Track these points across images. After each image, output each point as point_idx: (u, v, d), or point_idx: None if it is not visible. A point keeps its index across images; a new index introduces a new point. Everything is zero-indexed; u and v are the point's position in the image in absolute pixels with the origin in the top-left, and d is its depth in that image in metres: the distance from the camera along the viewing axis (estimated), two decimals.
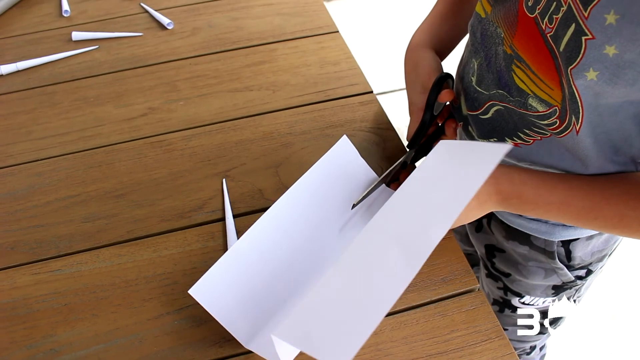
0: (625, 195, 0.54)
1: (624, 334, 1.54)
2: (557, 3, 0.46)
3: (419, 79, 0.67)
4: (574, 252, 0.71)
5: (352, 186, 0.67)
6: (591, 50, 0.43)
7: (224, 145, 0.77)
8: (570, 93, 0.48)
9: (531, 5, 0.50)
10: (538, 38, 0.50)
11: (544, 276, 0.75)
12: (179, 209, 0.70)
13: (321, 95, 0.84)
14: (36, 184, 0.74)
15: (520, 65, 0.53)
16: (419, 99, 0.66)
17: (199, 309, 0.60)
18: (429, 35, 0.72)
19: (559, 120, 0.52)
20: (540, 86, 0.52)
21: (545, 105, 0.53)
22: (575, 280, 0.75)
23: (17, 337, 0.59)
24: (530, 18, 0.50)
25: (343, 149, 0.67)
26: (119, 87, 0.87)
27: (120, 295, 0.62)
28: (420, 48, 0.70)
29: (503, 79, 0.57)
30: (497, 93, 0.59)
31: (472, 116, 0.66)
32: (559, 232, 0.68)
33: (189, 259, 0.65)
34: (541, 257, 0.73)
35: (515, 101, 0.56)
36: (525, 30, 0.51)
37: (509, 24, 0.54)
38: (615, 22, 0.41)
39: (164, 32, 0.97)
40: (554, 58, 0.48)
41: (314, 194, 0.64)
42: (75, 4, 1.05)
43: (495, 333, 0.58)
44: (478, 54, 0.61)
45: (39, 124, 0.82)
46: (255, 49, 0.93)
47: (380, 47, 2.44)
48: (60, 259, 0.65)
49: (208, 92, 0.85)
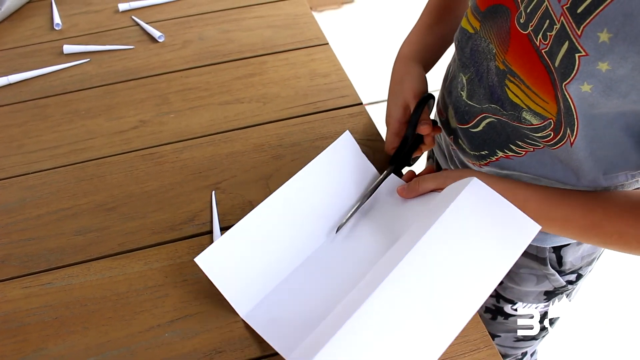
0: (626, 213, 0.54)
1: (617, 340, 1.55)
2: (550, 21, 0.46)
3: (402, 94, 0.68)
4: (565, 257, 0.72)
5: (354, 179, 0.68)
6: (585, 67, 0.44)
7: (215, 157, 0.78)
8: (565, 106, 0.49)
9: (523, 22, 0.50)
10: (532, 54, 0.50)
11: (535, 282, 0.76)
12: (170, 221, 0.70)
13: (311, 107, 0.85)
14: (27, 197, 0.74)
15: (514, 80, 0.54)
16: (398, 112, 0.68)
17: (190, 322, 0.60)
18: (416, 47, 0.74)
19: (553, 132, 0.53)
20: (535, 100, 0.52)
21: (540, 119, 0.53)
22: (566, 285, 0.76)
23: (8, 351, 0.59)
24: (524, 34, 0.50)
25: (344, 144, 0.69)
26: (110, 100, 0.88)
27: (111, 308, 0.62)
28: (409, 61, 0.72)
29: (495, 93, 0.58)
30: (489, 107, 0.59)
31: (462, 129, 0.66)
32: (551, 238, 0.69)
33: (179, 271, 0.65)
34: (533, 263, 0.73)
35: (509, 115, 0.57)
36: (518, 46, 0.52)
37: (501, 40, 0.54)
38: (609, 40, 0.41)
39: (155, 45, 0.98)
40: (549, 73, 0.49)
41: (315, 184, 0.66)
42: (67, 17, 1.05)
43: (483, 343, 0.59)
44: (467, 69, 0.62)
45: (31, 137, 0.82)
46: (246, 62, 0.94)
47: (369, 56, 2.46)
48: (51, 272, 0.66)
49: (199, 105, 0.86)
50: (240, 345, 0.58)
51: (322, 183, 0.66)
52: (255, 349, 0.58)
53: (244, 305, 0.60)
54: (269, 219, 0.62)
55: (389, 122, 0.70)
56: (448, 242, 0.50)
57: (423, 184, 0.62)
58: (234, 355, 0.58)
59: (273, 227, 0.63)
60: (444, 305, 0.47)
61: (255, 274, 0.61)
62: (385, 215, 0.65)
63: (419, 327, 0.46)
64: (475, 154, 0.67)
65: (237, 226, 0.61)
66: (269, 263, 0.62)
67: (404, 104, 0.67)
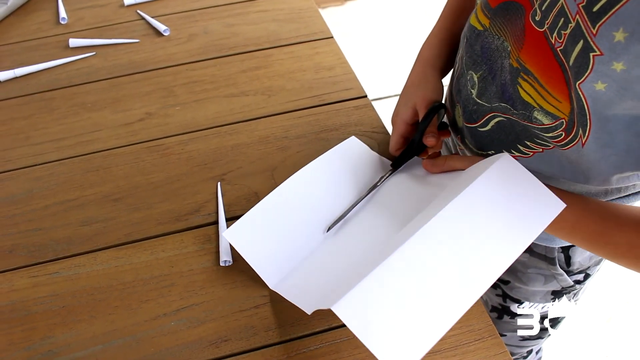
0: (639, 225, 0.53)
1: (619, 337, 1.55)
2: (565, 19, 0.45)
3: (414, 97, 0.68)
4: (574, 257, 0.71)
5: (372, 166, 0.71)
6: (599, 66, 0.43)
7: (220, 149, 0.78)
8: (579, 105, 0.48)
9: (539, 20, 0.49)
10: (548, 52, 0.49)
11: (543, 282, 0.75)
12: (176, 212, 0.71)
13: (316, 99, 0.85)
14: (34, 188, 0.74)
15: (528, 79, 0.53)
16: (406, 113, 0.68)
17: (196, 310, 0.61)
18: (437, 51, 0.73)
19: (564, 132, 0.52)
20: (548, 99, 0.52)
21: (552, 118, 0.52)
22: (574, 284, 0.75)
23: (16, 339, 0.59)
24: (540, 32, 0.50)
25: (351, 147, 0.71)
26: (116, 92, 0.88)
27: (117, 297, 0.62)
28: (428, 67, 0.71)
29: (507, 92, 0.57)
30: (499, 105, 0.59)
31: (469, 128, 0.66)
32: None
33: (185, 261, 0.65)
34: (541, 263, 0.73)
35: (520, 114, 0.56)
36: (533, 44, 0.51)
37: (516, 38, 0.53)
38: (624, 39, 0.41)
39: (161, 39, 0.98)
40: (564, 71, 0.48)
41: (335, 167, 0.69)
42: (73, 11, 1.06)
43: (487, 332, 0.59)
44: (479, 66, 0.61)
45: (37, 129, 0.83)
46: (251, 55, 0.94)
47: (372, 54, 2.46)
48: (58, 262, 0.66)
49: (204, 97, 0.86)
50: (245, 334, 0.59)
51: (342, 166, 0.69)
52: (261, 337, 0.58)
53: (272, 277, 0.61)
54: (293, 196, 0.65)
55: (395, 122, 0.70)
56: (476, 208, 0.51)
57: (450, 161, 0.62)
58: (240, 344, 0.58)
59: (297, 202, 0.65)
60: (470, 265, 0.48)
61: (282, 247, 0.63)
62: (411, 187, 0.66)
63: (445, 282, 0.47)
64: (482, 153, 0.66)
65: (262, 202, 0.64)
66: (295, 236, 0.64)
67: (413, 107, 0.67)
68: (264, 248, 0.62)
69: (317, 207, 0.66)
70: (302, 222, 0.65)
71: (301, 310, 0.55)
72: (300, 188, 0.66)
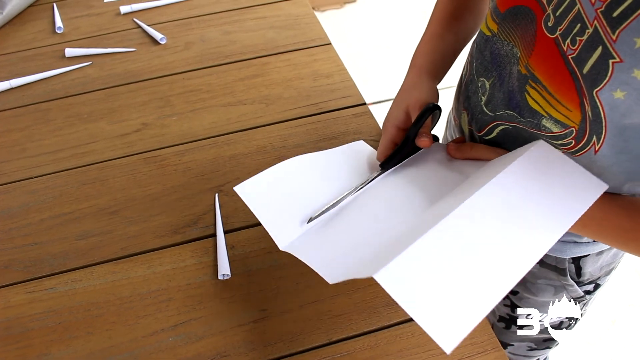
0: None
1: (624, 339, 1.54)
2: (582, 25, 0.44)
3: (407, 100, 0.66)
4: (584, 268, 0.70)
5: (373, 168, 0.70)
6: (619, 73, 0.42)
7: (218, 159, 0.77)
8: (594, 113, 0.47)
9: (552, 26, 0.48)
10: (558, 59, 0.48)
11: (553, 293, 0.74)
12: (173, 224, 0.70)
13: (314, 108, 0.84)
14: (30, 201, 0.74)
15: (536, 86, 0.52)
16: (398, 116, 0.66)
17: (194, 325, 0.60)
18: (430, 58, 0.71)
19: (574, 140, 0.51)
20: (557, 107, 0.50)
21: (561, 127, 0.51)
22: (584, 295, 0.74)
23: (11, 357, 0.59)
24: (551, 38, 0.48)
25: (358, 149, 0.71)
26: (112, 103, 0.87)
27: (114, 313, 0.62)
28: (422, 74, 0.69)
29: (514, 99, 0.56)
30: (504, 114, 0.58)
31: (475, 135, 0.65)
32: (571, 249, 0.68)
33: (183, 275, 0.64)
34: (552, 274, 0.72)
35: (527, 122, 0.55)
36: (543, 50, 0.50)
37: (526, 43, 0.52)
38: None
39: (157, 47, 0.97)
40: (575, 80, 0.47)
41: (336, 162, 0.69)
42: (68, 20, 1.05)
43: (491, 345, 0.58)
44: (490, 72, 0.60)
45: (33, 141, 0.82)
46: (248, 63, 0.93)
47: (372, 56, 2.45)
48: (55, 277, 0.65)
49: (201, 107, 0.86)
50: (244, 349, 0.58)
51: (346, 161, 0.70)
52: (260, 352, 0.58)
53: (283, 237, 0.59)
54: (308, 165, 0.66)
55: (386, 127, 0.67)
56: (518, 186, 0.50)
57: (476, 149, 0.61)
58: (239, 359, 0.57)
59: (312, 170, 0.65)
60: (516, 240, 0.46)
61: (294, 209, 0.61)
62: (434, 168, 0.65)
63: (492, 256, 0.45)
64: None
65: (277, 166, 0.64)
66: (310, 198, 0.62)
67: (406, 110, 0.65)
68: (275, 207, 0.61)
69: (320, 189, 0.65)
70: (314, 191, 0.64)
71: (300, 325, 0.54)
72: (307, 168, 0.66)
